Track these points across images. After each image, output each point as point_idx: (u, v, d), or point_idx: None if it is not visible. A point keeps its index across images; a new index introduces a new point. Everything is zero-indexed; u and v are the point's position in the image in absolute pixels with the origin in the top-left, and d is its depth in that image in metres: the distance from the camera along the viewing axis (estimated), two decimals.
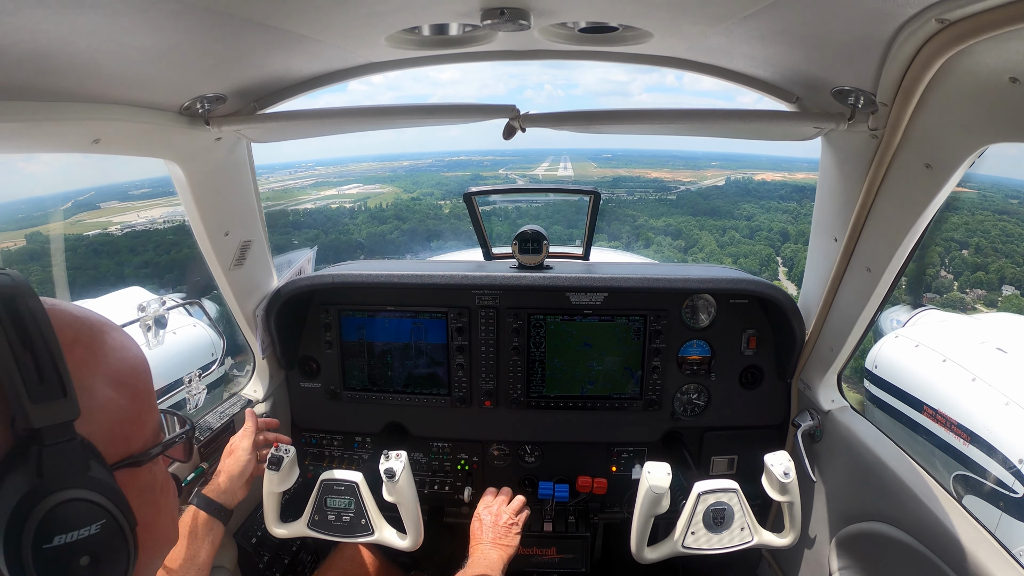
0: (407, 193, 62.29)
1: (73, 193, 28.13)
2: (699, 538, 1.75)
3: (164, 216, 25.47)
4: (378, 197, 59.02)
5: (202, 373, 1.98)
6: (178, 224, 24.84)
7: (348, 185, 65.82)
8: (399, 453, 1.75)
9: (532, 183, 63.74)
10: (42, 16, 0.85)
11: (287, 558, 2.24)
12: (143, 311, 1.75)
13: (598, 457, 2.39)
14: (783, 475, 1.73)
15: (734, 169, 71.99)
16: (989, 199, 31.16)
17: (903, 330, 4.40)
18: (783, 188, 55.50)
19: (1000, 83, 1.02)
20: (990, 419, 3.34)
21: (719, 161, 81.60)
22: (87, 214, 26.42)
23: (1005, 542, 1.37)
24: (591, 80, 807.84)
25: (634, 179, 69.73)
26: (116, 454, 0.63)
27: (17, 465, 0.54)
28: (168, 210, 24.55)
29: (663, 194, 61.41)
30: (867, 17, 1.05)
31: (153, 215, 26.73)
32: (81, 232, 22.18)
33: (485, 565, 1.70)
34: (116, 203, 29.62)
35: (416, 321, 2.27)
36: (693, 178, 68.22)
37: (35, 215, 18.96)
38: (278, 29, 1.16)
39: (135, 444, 0.66)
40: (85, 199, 28.46)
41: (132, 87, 1.26)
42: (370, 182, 67.62)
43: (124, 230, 25.89)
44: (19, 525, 0.53)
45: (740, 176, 66.28)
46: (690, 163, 79.06)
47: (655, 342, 2.24)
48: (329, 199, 57.48)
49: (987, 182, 29.96)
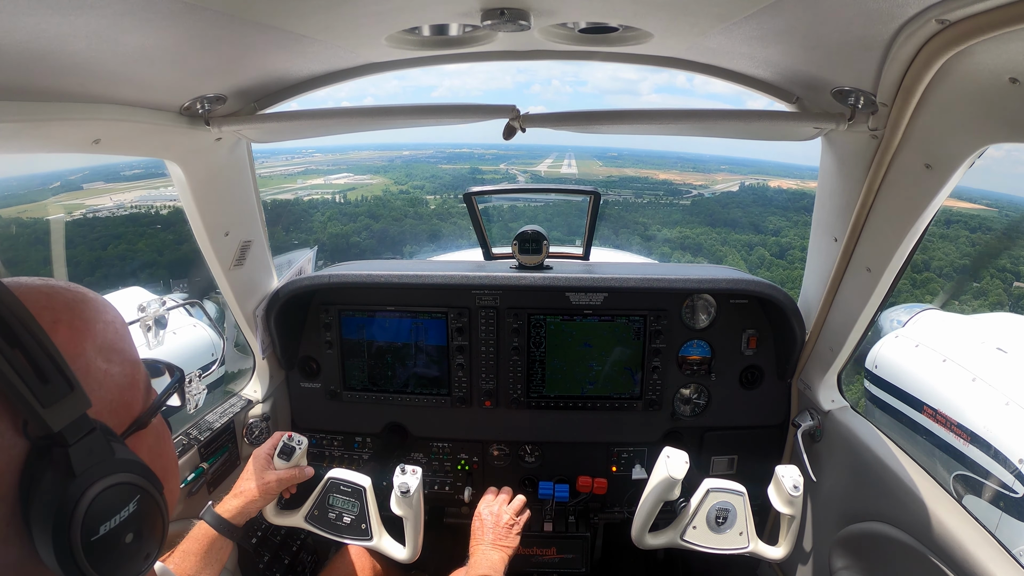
0: (397, 185, 59.00)
1: (66, 172, 25.37)
2: (699, 533, 1.75)
3: (135, 200, 23.26)
4: (364, 188, 55.82)
5: (202, 373, 1.98)
6: (135, 212, 22.52)
7: (337, 174, 62.74)
8: (415, 469, 1.73)
9: (534, 180, 61.14)
10: (42, 16, 0.85)
11: (287, 558, 2.24)
12: (143, 311, 1.75)
13: (598, 457, 2.39)
14: (793, 488, 1.72)
15: (745, 174, 68.16)
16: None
17: (903, 330, 4.39)
18: (803, 197, 49.38)
19: (1000, 83, 1.02)
20: (990, 419, 3.34)
21: (728, 165, 76.20)
22: (67, 195, 23.87)
23: (1005, 542, 1.37)
24: (600, 77, 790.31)
25: (642, 180, 66.60)
26: (123, 423, 0.63)
27: (45, 468, 0.53)
28: (143, 193, 22.38)
29: (674, 198, 57.45)
30: (867, 17, 1.05)
31: (126, 198, 24.31)
32: (40, 216, 20.38)
33: (487, 566, 1.70)
34: (101, 184, 26.99)
35: (416, 321, 2.27)
36: (704, 182, 64.93)
37: (20, 193, 17.65)
38: (278, 29, 1.16)
39: (136, 407, 0.66)
40: (77, 179, 25.79)
41: (132, 87, 1.26)
42: (362, 172, 64.48)
43: (88, 215, 22.97)
44: (64, 528, 0.53)
45: (754, 182, 61.99)
46: (699, 166, 74.70)
47: (655, 342, 2.24)
48: (313, 189, 53.93)
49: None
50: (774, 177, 64.26)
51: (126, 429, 0.64)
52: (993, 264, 20.09)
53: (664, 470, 1.69)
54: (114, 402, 0.62)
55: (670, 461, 1.70)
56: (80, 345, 0.60)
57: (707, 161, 78.39)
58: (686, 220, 47.36)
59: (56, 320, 0.58)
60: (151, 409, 0.68)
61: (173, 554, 1.45)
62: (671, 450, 1.73)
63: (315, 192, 52.50)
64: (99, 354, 0.62)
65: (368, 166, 69.25)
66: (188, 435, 1.93)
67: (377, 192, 54.83)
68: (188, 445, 1.89)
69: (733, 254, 37.94)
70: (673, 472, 1.68)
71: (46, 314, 0.57)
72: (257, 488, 1.63)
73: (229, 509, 1.57)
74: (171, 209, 19.91)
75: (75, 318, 0.61)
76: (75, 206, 22.45)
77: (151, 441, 0.68)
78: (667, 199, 57.35)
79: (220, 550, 1.52)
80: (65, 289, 0.63)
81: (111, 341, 0.64)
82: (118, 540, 0.57)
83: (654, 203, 55.17)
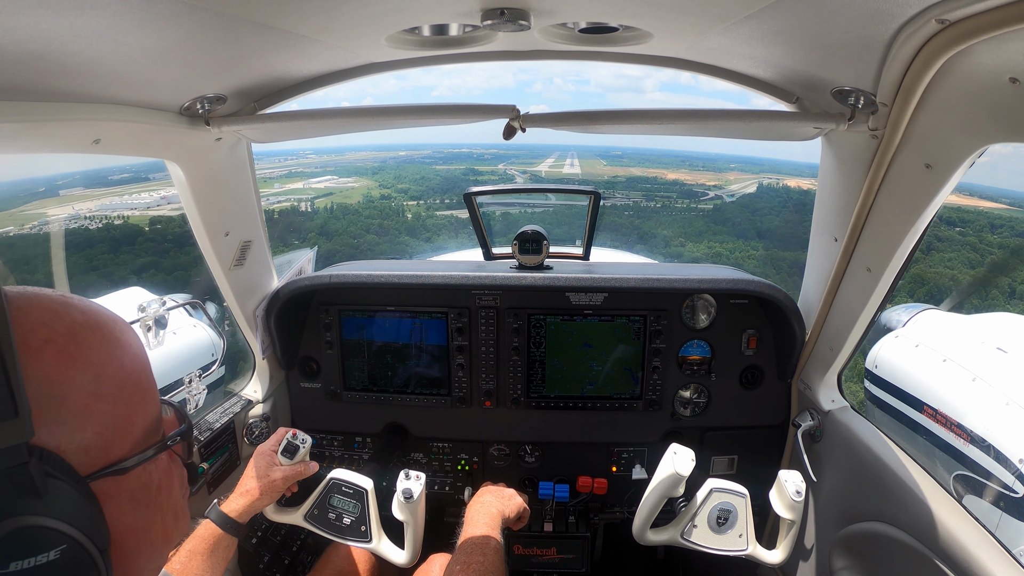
0: (382, 188, 54.20)
1: (57, 176, 23.20)
2: (699, 533, 1.75)
3: (94, 210, 21.10)
4: (344, 193, 51.30)
5: (202, 373, 1.98)
6: (76, 228, 19.98)
7: (320, 178, 58.33)
8: (419, 475, 1.72)
9: (533, 180, 58.53)
10: (42, 16, 0.85)
11: (287, 558, 2.24)
12: (143, 311, 1.75)
13: (598, 457, 2.39)
14: (795, 494, 1.72)
15: (757, 173, 61.30)
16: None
17: (903, 330, 4.39)
18: None
19: (1000, 83, 1.02)
20: (990, 419, 3.34)
21: (738, 164, 68.92)
22: (38, 203, 21.91)
23: (1005, 542, 1.37)
24: (604, 74, 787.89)
25: (650, 180, 60.83)
26: (94, 464, 0.58)
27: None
28: (106, 201, 20.19)
29: (690, 201, 50.56)
30: (867, 17, 1.05)
31: (84, 208, 21.96)
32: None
33: (484, 523, 1.68)
34: (80, 190, 24.41)
35: (416, 321, 2.27)
36: (717, 181, 58.87)
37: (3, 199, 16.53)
38: (278, 29, 1.16)
39: (118, 451, 0.60)
40: (64, 183, 23.65)
41: (132, 87, 1.26)
42: (347, 174, 59.83)
43: (38, 227, 19.50)
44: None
45: (771, 181, 54.28)
46: (709, 164, 68.15)
47: (655, 342, 2.24)
48: (288, 195, 48.90)
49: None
50: (789, 176, 56.13)
51: (96, 471, 0.58)
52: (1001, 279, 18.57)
53: (671, 466, 1.68)
54: (87, 441, 0.57)
55: (677, 458, 1.69)
56: (65, 372, 0.56)
57: (716, 160, 71.97)
58: (711, 229, 39.59)
59: (48, 340, 0.55)
60: (130, 459, 0.61)
61: (178, 554, 1.44)
62: (678, 447, 1.73)
63: (284, 199, 47.47)
64: (87, 388, 0.57)
65: (355, 168, 64.59)
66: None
67: (352, 199, 50.11)
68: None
69: (791, 284, 29.86)
70: (680, 468, 1.67)
71: (41, 331, 0.55)
72: (263, 486, 1.63)
73: (235, 508, 1.57)
74: (125, 220, 18.43)
75: (71, 343, 0.57)
76: (33, 216, 20.57)
77: (133, 489, 0.62)
78: (682, 202, 51.13)
79: (226, 549, 1.52)
80: (80, 311, 0.60)
81: (110, 378, 0.59)
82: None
83: (668, 207, 48.92)
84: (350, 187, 55.13)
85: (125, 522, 0.60)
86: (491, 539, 1.62)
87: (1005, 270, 18.81)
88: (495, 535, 1.65)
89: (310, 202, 46.82)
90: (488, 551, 1.55)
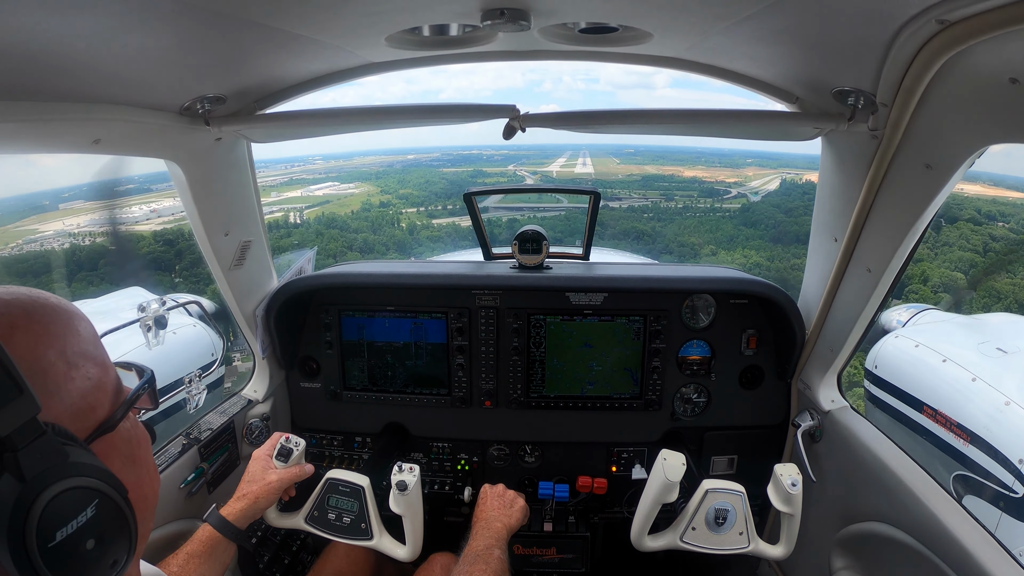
0: (384, 194, 51.74)
1: (66, 188, 22.76)
2: (699, 535, 1.75)
3: (82, 224, 19.91)
4: (341, 201, 49.21)
5: (202, 373, 1.98)
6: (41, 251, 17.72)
7: (320, 184, 56.07)
8: (412, 467, 1.74)
9: (544, 181, 56.92)
10: (42, 16, 0.85)
11: (287, 558, 2.24)
12: (143, 311, 1.75)
13: (598, 457, 2.39)
14: (791, 486, 1.72)
15: (775, 168, 56.07)
16: None
17: (903, 330, 4.40)
18: None
19: (1000, 83, 1.02)
20: (990, 419, 3.34)
21: (755, 159, 65.55)
22: (39, 217, 21.54)
23: (1005, 542, 1.37)
24: (613, 72, 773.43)
25: (667, 178, 56.27)
26: (87, 427, 0.63)
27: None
28: (92, 216, 18.95)
29: (713, 201, 45.70)
30: (867, 18, 1.05)
31: (73, 223, 21.09)
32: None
33: (490, 535, 1.71)
34: (81, 203, 23.48)
35: (416, 321, 2.27)
36: (736, 178, 54.58)
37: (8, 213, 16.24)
38: (278, 29, 1.16)
39: (101, 411, 0.66)
40: (70, 196, 22.84)
41: (132, 87, 1.26)
42: (349, 180, 57.56)
43: (20, 248, 18.87)
44: (19, 533, 0.53)
45: (793, 176, 48.81)
46: (725, 160, 62.90)
47: (655, 342, 2.24)
48: (284, 203, 46.50)
49: None
50: (808, 171, 48.35)
51: (91, 433, 0.63)
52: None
53: (661, 473, 1.70)
54: (77, 406, 0.62)
55: (666, 464, 1.71)
56: (37, 350, 0.60)
57: (732, 155, 67.07)
58: (743, 234, 34.24)
59: (12, 326, 0.59)
60: (117, 411, 0.67)
61: (177, 557, 1.45)
62: (668, 452, 1.74)
63: (277, 209, 44.42)
64: (59, 358, 0.62)
65: (359, 174, 62.07)
66: (188, 435, 1.93)
67: (348, 207, 47.34)
68: (188, 445, 1.89)
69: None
70: (669, 475, 1.68)
71: (2, 320, 0.59)
72: (260, 489, 1.65)
73: (233, 512, 1.59)
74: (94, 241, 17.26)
75: (33, 323, 0.62)
76: (22, 233, 19.91)
77: (120, 445, 0.68)
78: (705, 201, 46.48)
79: (224, 552, 1.53)
80: (25, 296, 0.64)
81: (74, 345, 0.64)
82: (77, 546, 0.56)
83: (690, 207, 44.45)
84: (350, 194, 53.23)
85: (122, 479, 0.64)
86: (494, 551, 1.65)
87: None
88: (499, 549, 1.67)
89: (300, 213, 44.16)
90: (492, 561, 1.59)
